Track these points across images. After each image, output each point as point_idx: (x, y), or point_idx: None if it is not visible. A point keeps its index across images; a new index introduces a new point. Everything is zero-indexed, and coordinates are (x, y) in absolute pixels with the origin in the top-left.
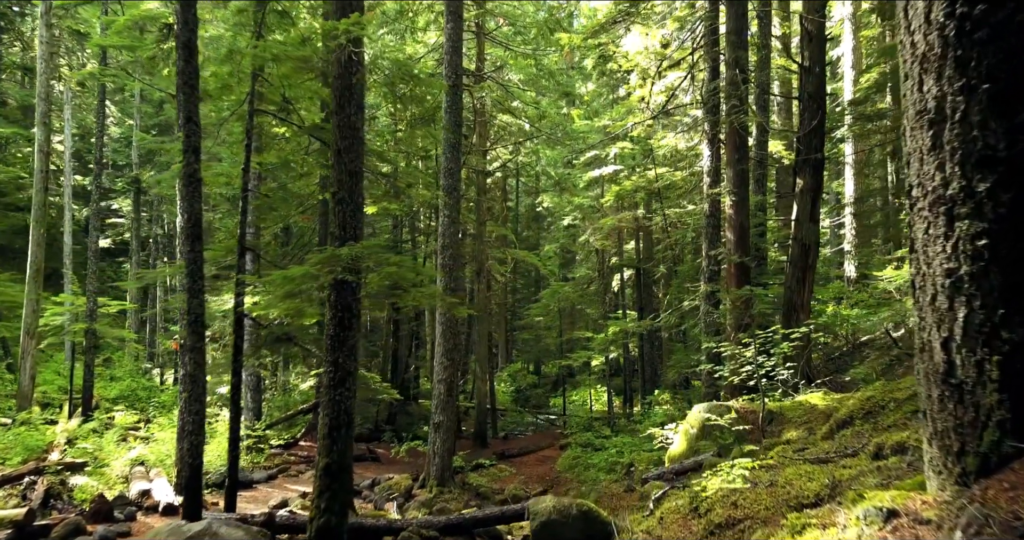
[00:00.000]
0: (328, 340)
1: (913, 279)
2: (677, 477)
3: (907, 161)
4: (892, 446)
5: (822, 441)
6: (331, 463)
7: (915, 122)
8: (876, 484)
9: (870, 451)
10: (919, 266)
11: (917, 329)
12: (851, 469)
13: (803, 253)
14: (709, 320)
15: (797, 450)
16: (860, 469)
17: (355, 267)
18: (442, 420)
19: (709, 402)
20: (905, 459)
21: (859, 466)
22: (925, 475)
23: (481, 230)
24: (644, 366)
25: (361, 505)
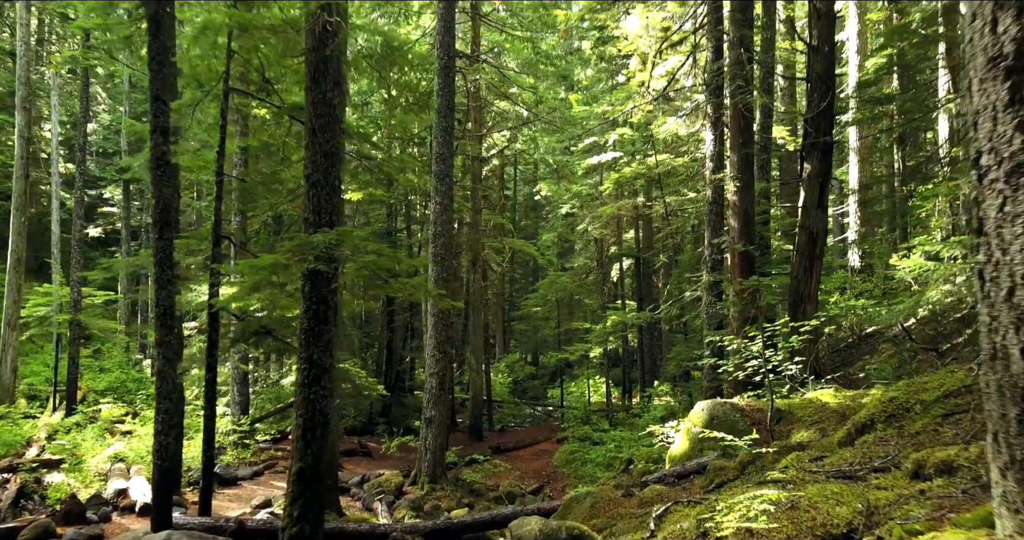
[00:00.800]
0: (302, 334)
1: (981, 269)
2: (679, 480)
3: (973, 122)
4: (936, 465)
5: (840, 447)
6: (305, 467)
7: (986, 72)
8: (926, 516)
9: (908, 469)
10: (990, 253)
11: (986, 331)
12: (887, 491)
13: (810, 242)
14: (711, 311)
15: (814, 459)
16: (899, 492)
17: (329, 256)
18: (434, 415)
19: (712, 399)
20: (955, 482)
21: (896, 487)
22: (994, 511)
23: (476, 219)
24: (643, 357)
25: (349, 503)
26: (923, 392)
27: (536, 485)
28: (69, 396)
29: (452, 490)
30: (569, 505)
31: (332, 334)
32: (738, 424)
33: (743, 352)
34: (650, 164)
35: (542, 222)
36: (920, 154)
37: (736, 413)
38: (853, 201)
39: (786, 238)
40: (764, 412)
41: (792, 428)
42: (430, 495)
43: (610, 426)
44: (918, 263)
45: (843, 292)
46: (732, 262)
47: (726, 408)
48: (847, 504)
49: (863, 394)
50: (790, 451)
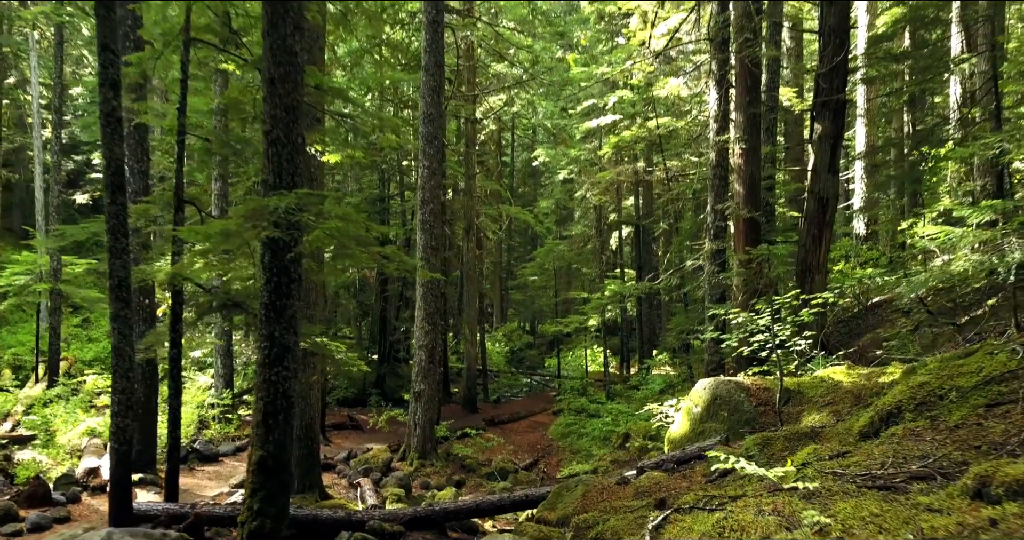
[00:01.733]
0: (262, 309)
1: None
2: (678, 467)
3: None
4: (1008, 484)
5: (863, 440)
6: (266, 456)
7: None
8: None
9: (968, 486)
10: None
11: None
12: (942, 516)
13: (820, 208)
14: (714, 282)
15: (835, 455)
16: (960, 519)
17: (288, 222)
18: (423, 389)
19: (715, 377)
20: None
21: (953, 509)
22: None
23: (470, 184)
24: (642, 326)
25: (334, 480)
26: (958, 376)
27: (530, 460)
28: (51, 367)
29: (442, 466)
30: (559, 494)
31: (295, 309)
32: (742, 405)
33: (748, 326)
34: (650, 127)
35: (540, 189)
36: (929, 118)
37: (740, 393)
38: (860, 166)
39: (791, 205)
40: (771, 392)
41: (802, 410)
42: (419, 471)
43: (607, 398)
44: (944, 230)
45: (847, 260)
46: (736, 229)
47: (730, 387)
48: (893, 532)
49: (879, 372)
50: (802, 439)
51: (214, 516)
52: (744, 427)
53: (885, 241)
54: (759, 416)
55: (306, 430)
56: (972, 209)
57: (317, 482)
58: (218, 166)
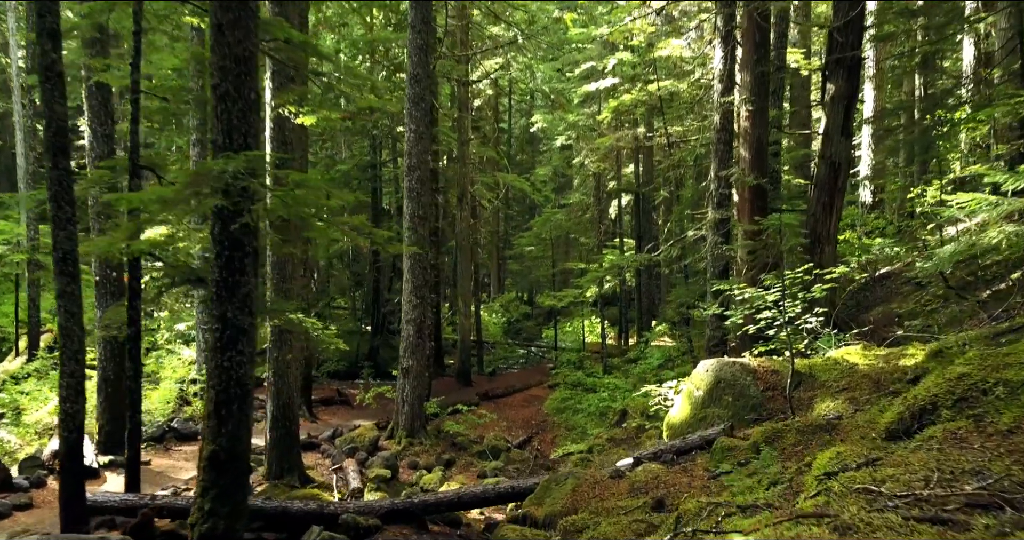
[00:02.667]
0: (213, 287)
1: None
2: (678, 457)
3: None
4: None
5: (892, 441)
6: (218, 451)
7: None
8: None
9: None
10: None
11: None
12: None
13: (832, 174)
14: (717, 253)
15: (864, 464)
16: None
17: (237, 189)
18: (412, 365)
19: (719, 359)
20: None
21: None
22: None
23: (464, 151)
24: (641, 297)
25: (318, 461)
26: (1005, 368)
27: (523, 437)
28: (31, 341)
29: (432, 444)
30: (547, 487)
31: (251, 286)
32: (749, 389)
33: (754, 302)
34: (651, 90)
35: (539, 156)
36: (941, 82)
37: (747, 375)
38: (867, 132)
39: (796, 171)
40: (780, 375)
41: (814, 396)
42: (407, 450)
43: (604, 372)
44: (977, 198)
45: (853, 229)
46: (741, 197)
47: (735, 369)
48: None
49: (898, 353)
50: (817, 432)
51: (175, 508)
52: (750, 413)
53: (892, 210)
54: (766, 402)
55: (283, 410)
56: (1009, 174)
57: (297, 464)
58: (196, 130)
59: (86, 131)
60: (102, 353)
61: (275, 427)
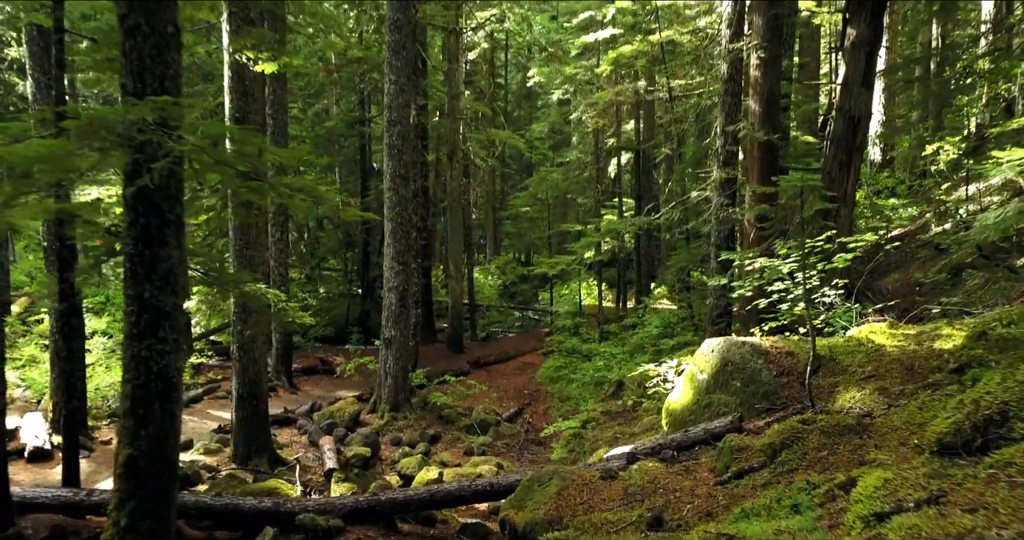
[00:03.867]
0: (126, 262)
1: None
2: (679, 454)
3: None
4: None
5: (948, 458)
6: (136, 456)
7: None
8: None
9: None
10: None
11: None
12: None
13: (850, 128)
14: (722, 216)
15: (927, 501)
16: None
17: (152, 144)
18: (394, 335)
19: (726, 338)
20: None
21: None
22: None
23: (454, 105)
24: (640, 258)
25: (293, 438)
26: None
27: (515, 409)
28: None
29: (416, 418)
30: (529, 488)
31: (175, 261)
32: (760, 374)
33: (767, 273)
34: (652, 40)
35: (536, 112)
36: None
37: (757, 358)
38: (879, 85)
39: (804, 127)
40: (795, 357)
41: (836, 383)
42: (390, 425)
43: (601, 338)
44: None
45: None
46: (750, 155)
47: (744, 351)
48: None
49: (931, 333)
50: (845, 435)
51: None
52: (761, 401)
53: (905, 168)
54: (780, 389)
55: (250, 387)
56: None
57: (266, 445)
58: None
59: (28, 80)
60: (53, 325)
61: (241, 406)
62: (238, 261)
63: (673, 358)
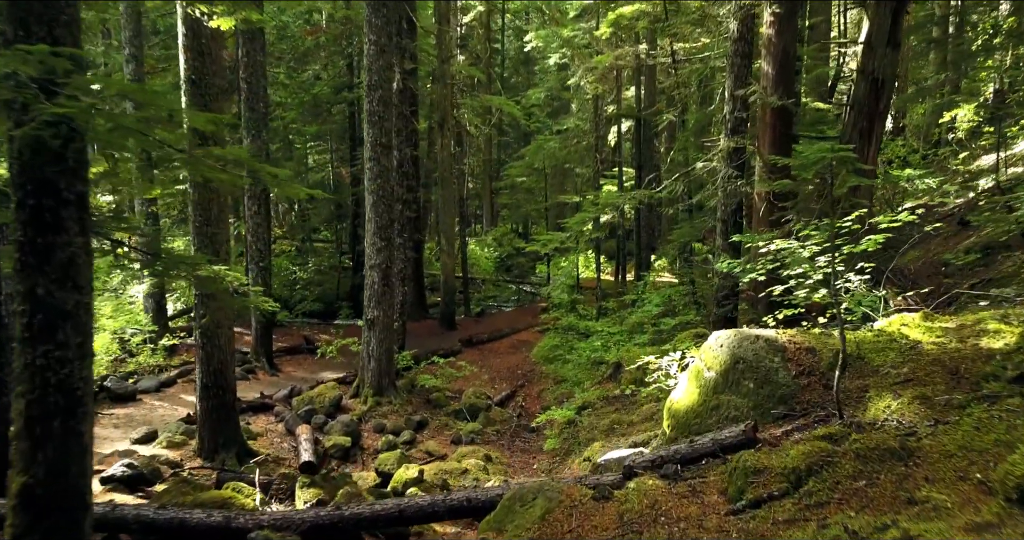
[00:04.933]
0: (16, 252)
1: None
2: (683, 468)
3: None
4: None
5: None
6: (33, 485)
7: None
8: None
9: None
10: None
11: None
12: None
13: (873, 92)
14: (729, 189)
15: None
16: None
17: (23, 100)
18: (378, 315)
19: (737, 331)
20: None
21: None
22: None
23: (444, 70)
24: (640, 230)
25: (269, 426)
26: None
27: (507, 391)
28: None
29: (402, 403)
30: (510, 508)
31: (77, 248)
32: (777, 374)
33: (784, 256)
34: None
35: (535, 78)
36: None
37: (774, 355)
38: None
39: (814, 93)
40: (816, 355)
41: (866, 387)
42: (374, 411)
43: (598, 316)
44: None
45: None
46: (762, 121)
47: (758, 346)
48: None
49: (975, 328)
50: (886, 461)
51: None
52: (778, 406)
53: (916, 136)
54: (800, 391)
55: (215, 377)
56: None
57: (235, 438)
58: (129, 43)
59: None
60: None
61: (206, 396)
62: (198, 239)
63: (676, 348)
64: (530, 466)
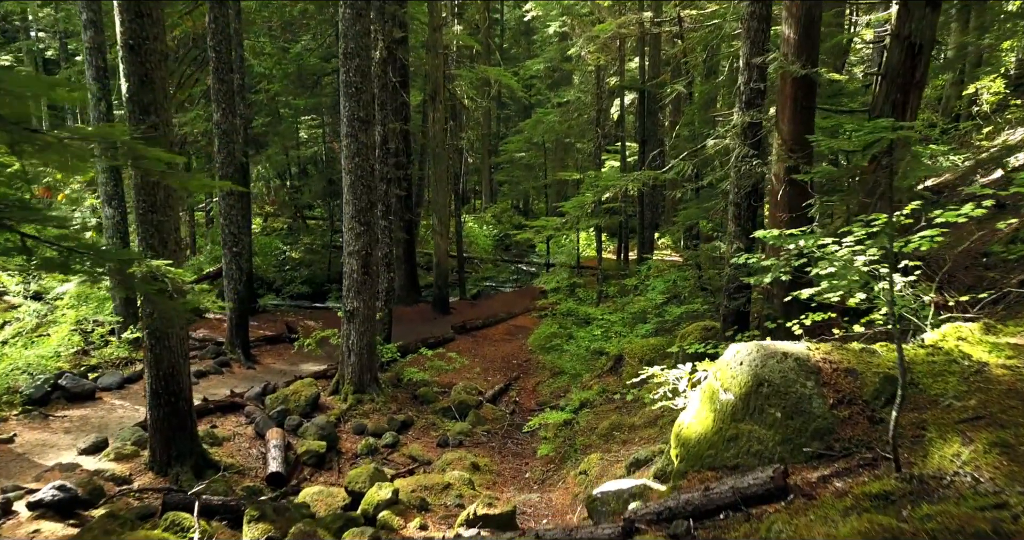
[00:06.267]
0: None
1: None
2: (696, 524)
3: None
4: None
5: None
6: None
7: None
8: None
9: None
10: None
11: None
12: None
13: (909, 60)
14: (744, 169)
15: None
16: None
17: None
18: (357, 307)
19: (759, 345)
20: None
21: None
22: None
23: (436, 38)
24: (643, 208)
25: (237, 428)
26: None
27: (501, 385)
28: None
29: (385, 401)
30: None
31: None
32: (810, 402)
33: (817, 255)
34: None
35: (535, 49)
36: None
37: (806, 378)
38: None
39: (828, 63)
40: (859, 378)
41: (924, 423)
42: (354, 410)
43: (599, 300)
44: None
45: None
46: (782, 93)
47: (786, 367)
48: None
49: None
50: None
51: None
52: (812, 442)
53: (937, 110)
54: (839, 425)
55: (166, 382)
56: None
57: (192, 448)
58: (87, 8)
59: None
60: None
61: (157, 404)
62: (142, 228)
63: (682, 345)
64: (522, 475)
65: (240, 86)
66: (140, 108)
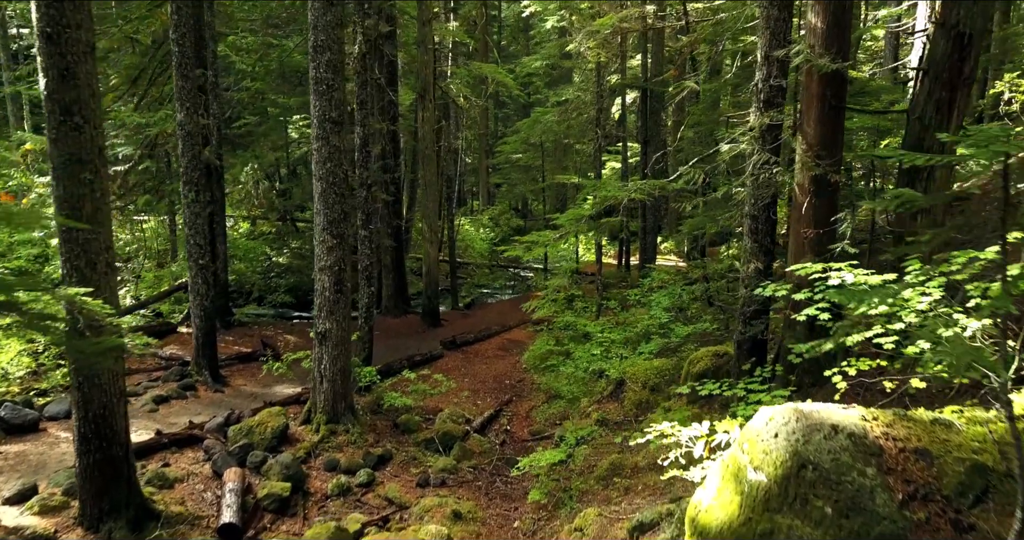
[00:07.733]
0: None
1: None
2: None
3: None
4: None
5: None
6: None
7: None
8: None
9: None
10: None
11: None
12: None
13: (955, 53)
14: (762, 178)
15: None
16: None
17: None
18: (329, 328)
19: (799, 412)
20: None
21: None
22: None
23: (425, 33)
24: (645, 213)
25: (192, 467)
26: None
27: (491, 410)
28: None
29: (362, 431)
30: None
31: None
32: (872, 496)
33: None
34: None
35: (534, 46)
36: None
37: (863, 462)
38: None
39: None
40: (937, 464)
41: None
42: (326, 442)
43: (598, 314)
44: None
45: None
46: (808, 92)
47: (836, 445)
48: None
49: None
50: None
51: None
52: None
53: None
54: (912, 531)
55: (96, 425)
56: None
57: (128, 499)
58: None
59: None
60: None
61: (86, 451)
62: (66, 247)
63: (691, 371)
64: (509, 524)
65: (213, 83)
66: (61, 107)
